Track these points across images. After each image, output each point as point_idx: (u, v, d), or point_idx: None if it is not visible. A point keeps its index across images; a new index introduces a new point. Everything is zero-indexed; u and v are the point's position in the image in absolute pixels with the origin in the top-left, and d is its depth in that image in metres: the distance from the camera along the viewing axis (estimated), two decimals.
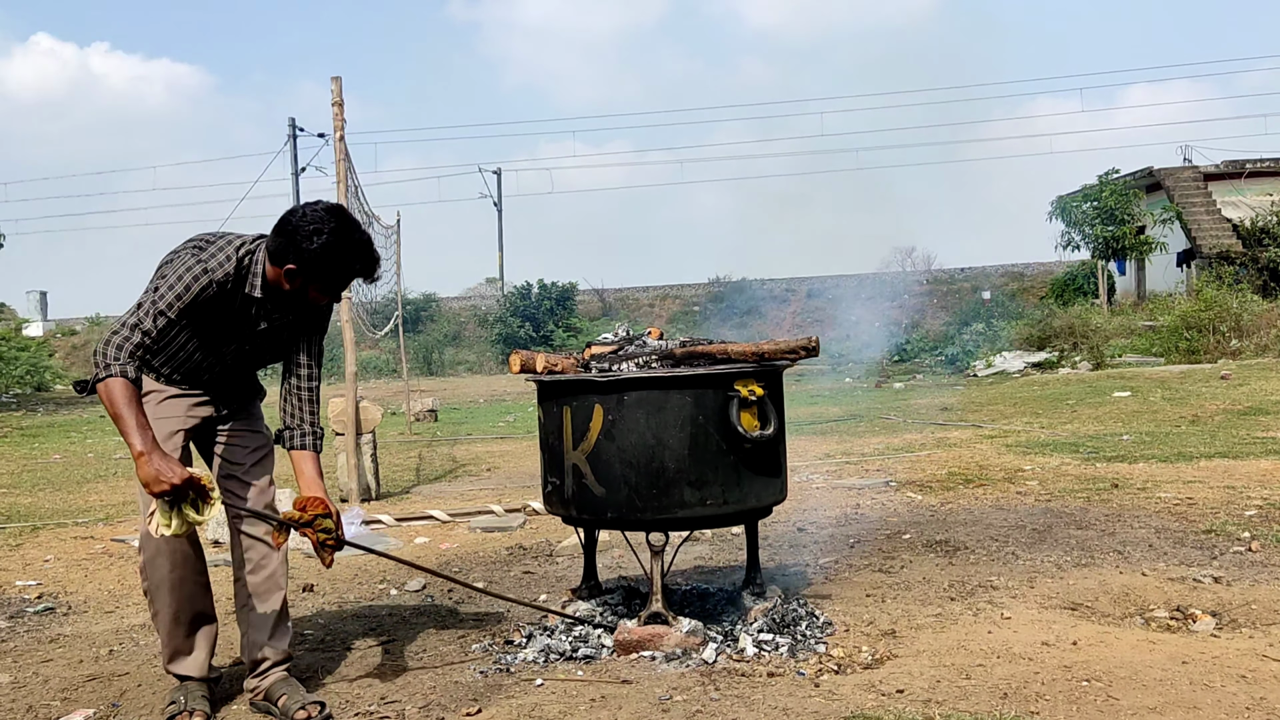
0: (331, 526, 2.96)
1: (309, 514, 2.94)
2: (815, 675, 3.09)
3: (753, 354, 3.40)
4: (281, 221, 2.87)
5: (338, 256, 2.85)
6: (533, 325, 31.70)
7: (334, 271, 2.89)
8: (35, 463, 10.83)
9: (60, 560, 5.52)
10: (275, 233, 2.87)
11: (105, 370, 2.69)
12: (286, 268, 2.85)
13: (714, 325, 27.75)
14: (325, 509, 2.96)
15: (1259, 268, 22.81)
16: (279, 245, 2.85)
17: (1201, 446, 7.83)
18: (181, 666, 3.04)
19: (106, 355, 2.70)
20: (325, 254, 2.82)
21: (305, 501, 2.97)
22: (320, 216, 2.84)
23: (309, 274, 2.86)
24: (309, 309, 3.07)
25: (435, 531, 5.98)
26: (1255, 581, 3.96)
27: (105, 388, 2.68)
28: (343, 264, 2.88)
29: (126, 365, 2.70)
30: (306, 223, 2.82)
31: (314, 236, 2.80)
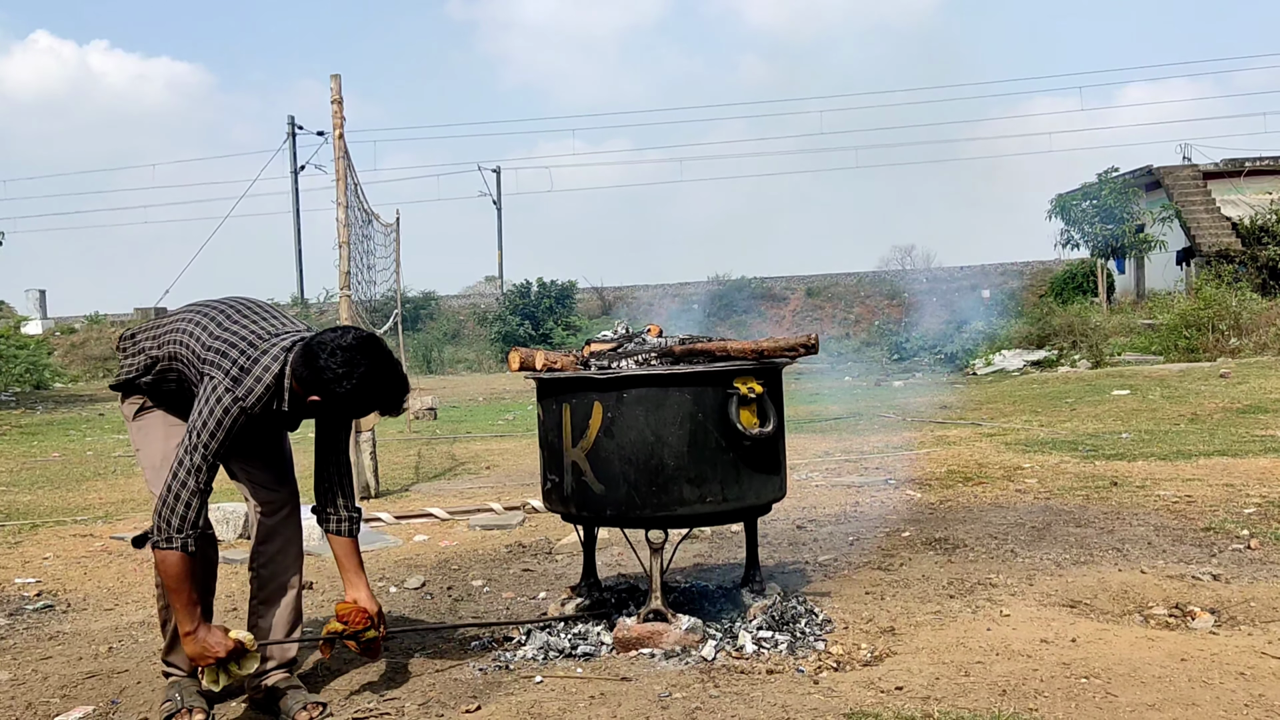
0: (374, 636, 3.03)
1: (351, 628, 2.99)
2: (814, 672, 3.09)
3: (752, 351, 3.40)
4: (311, 353, 2.79)
5: (366, 399, 2.83)
6: (532, 324, 31.69)
7: (361, 409, 2.90)
8: (34, 461, 10.82)
9: (59, 558, 5.52)
10: (304, 362, 2.80)
11: (166, 542, 2.73)
12: (312, 399, 2.82)
13: (713, 323, 27.76)
14: (366, 621, 3.01)
15: (1258, 266, 22.83)
16: (306, 376, 2.80)
17: (1200, 444, 7.83)
18: (178, 659, 3.05)
19: (171, 525, 2.73)
20: (353, 397, 2.80)
21: (348, 614, 3.01)
22: (350, 359, 2.77)
23: (335, 408, 2.85)
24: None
25: (434, 529, 5.99)
26: (1254, 579, 3.96)
27: (164, 560, 2.75)
28: (370, 403, 2.87)
29: (188, 538, 2.74)
30: (336, 363, 2.76)
31: (343, 381, 2.76)
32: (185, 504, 2.74)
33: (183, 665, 3.05)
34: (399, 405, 2.94)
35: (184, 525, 2.73)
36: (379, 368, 2.82)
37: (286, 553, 3.12)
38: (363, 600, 3.04)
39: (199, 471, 2.76)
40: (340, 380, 2.76)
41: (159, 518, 2.74)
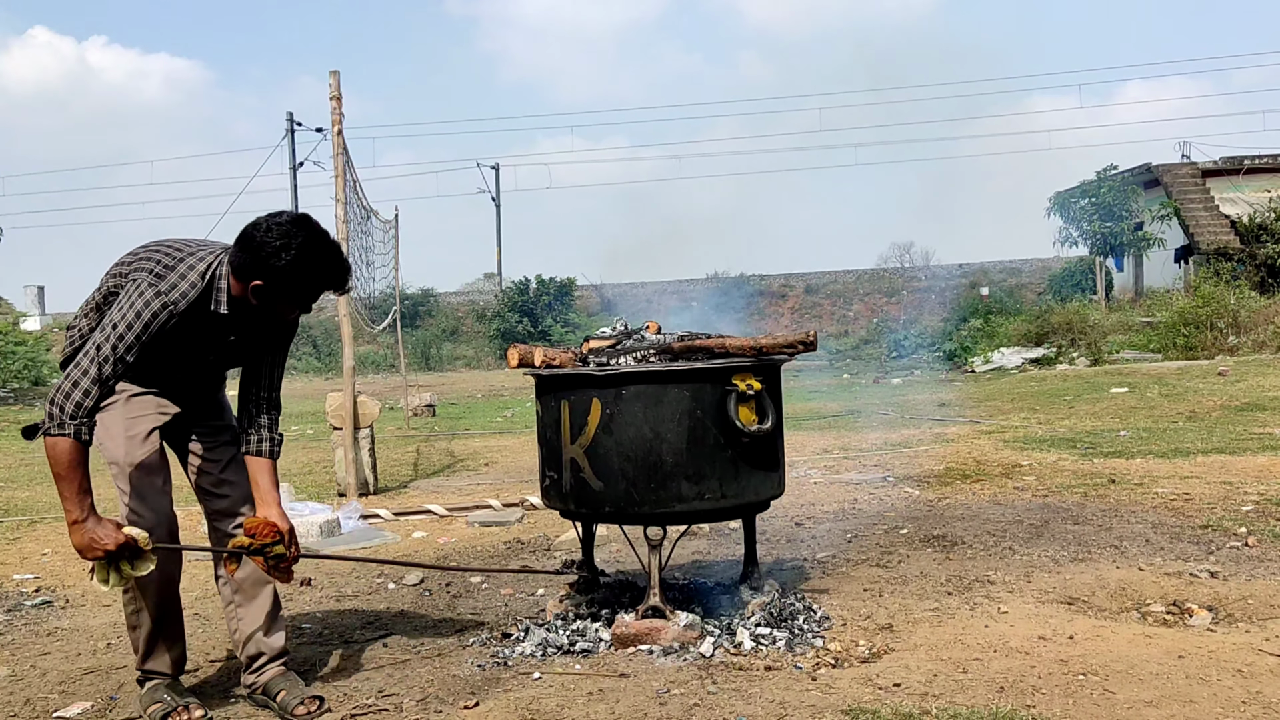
0: (282, 552, 2.92)
1: (258, 542, 2.90)
2: (812, 669, 3.09)
3: (751, 348, 3.40)
4: (244, 236, 2.74)
5: (307, 271, 2.74)
6: (531, 320, 31.69)
7: (303, 287, 2.78)
8: (33, 457, 10.82)
9: (58, 554, 5.52)
10: (239, 248, 2.75)
11: (59, 428, 2.62)
12: (253, 284, 2.74)
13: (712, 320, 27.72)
14: (275, 534, 2.91)
15: (1256, 264, 22.84)
16: (243, 261, 2.73)
17: (1199, 442, 7.84)
18: (160, 663, 3.00)
19: (64, 411, 2.62)
20: (293, 269, 2.71)
21: (255, 527, 2.91)
22: (286, 230, 2.71)
23: (277, 290, 2.76)
24: (278, 321, 2.99)
25: (433, 526, 5.99)
26: (1251, 576, 3.97)
27: (53, 445, 2.63)
28: (312, 278, 2.77)
29: (81, 425, 2.63)
30: (272, 238, 2.70)
31: (281, 253, 2.69)
32: (84, 391, 2.63)
33: (166, 668, 3.01)
34: (344, 280, 2.87)
35: (79, 412, 2.62)
36: (317, 238, 2.76)
37: None
38: (273, 517, 2.94)
39: (105, 362, 2.65)
40: (279, 253, 2.69)
41: (52, 404, 2.62)
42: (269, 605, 3.08)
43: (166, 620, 2.99)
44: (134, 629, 3.00)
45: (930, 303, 29.86)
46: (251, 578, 3.07)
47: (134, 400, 2.95)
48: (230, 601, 3.08)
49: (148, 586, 2.94)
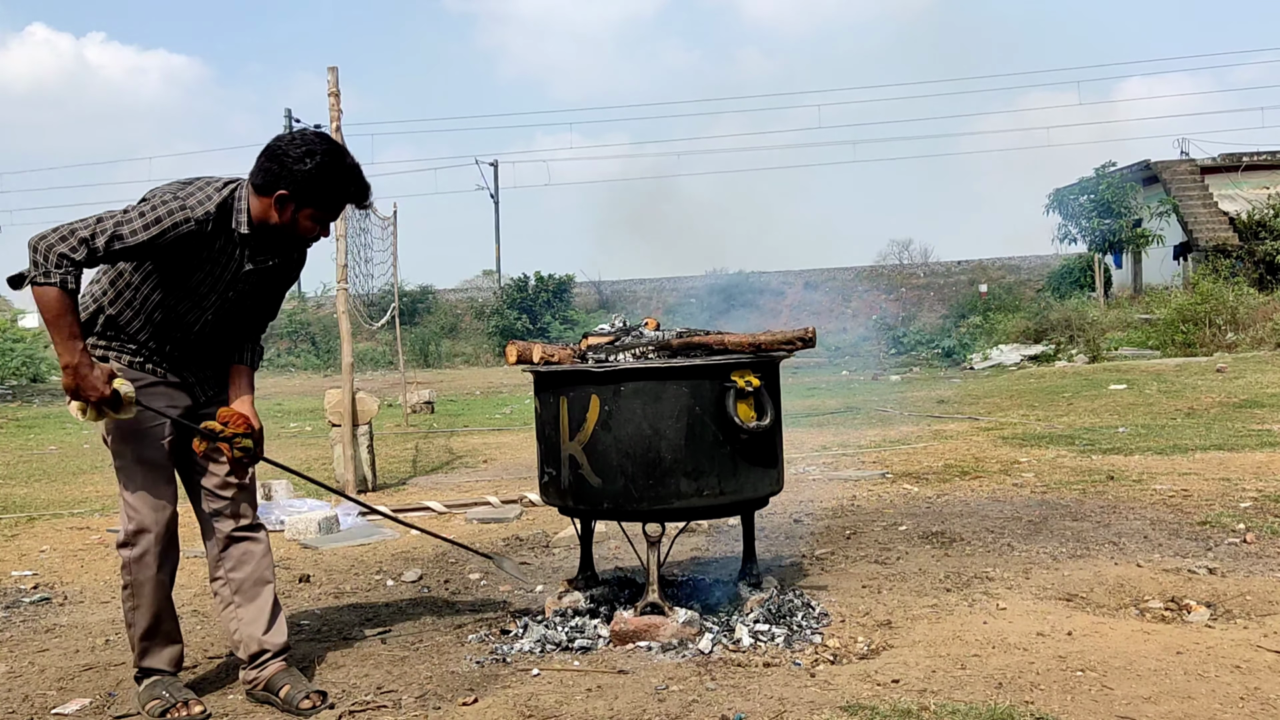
0: (250, 445, 2.96)
1: (230, 430, 2.94)
2: (811, 665, 3.09)
3: (749, 345, 3.40)
4: (269, 149, 2.78)
5: (332, 176, 2.79)
6: (529, 317, 31.68)
7: (329, 193, 2.83)
8: (31, 454, 10.82)
9: (56, 551, 5.52)
10: (263, 160, 2.78)
11: (44, 276, 2.58)
12: (278, 194, 2.76)
13: (711, 317, 27.73)
14: (246, 426, 2.96)
15: (1255, 261, 22.84)
16: (268, 173, 2.76)
17: (1197, 439, 7.85)
18: (158, 660, 3.00)
19: (48, 259, 2.58)
20: (320, 174, 2.76)
21: (228, 416, 2.95)
22: (310, 139, 2.79)
23: (303, 197, 2.79)
24: (292, 251, 3.00)
25: (432, 523, 5.98)
26: (1250, 573, 3.97)
27: (42, 294, 2.60)
28: (337, 184, 2.83)
29: (67, 276, 2.59)
30: (296, 146, 2.76)
31: (306, 159, 2.74)
32: (70, 246, 2.59)
33: (164, 665, 3.01)
34: (365, 191, 2.92)
35: (63, 262, 2.58)
36: (340, 149, 2.83)
37: (252, 551, 3.08)
38: (247, 412, 2.99)
39: (103, 234, 2.62)
40: (303, 158, 2.74)
41: (35, 252, 2.59)
42: (269, 605, 3.08)
43: (162, 618, 2.99)
44: (130, 626, 3.00)
45: (929, 299, 29.88)
46: (251, 578, 3.06)
47: (144, 392, 2.93)
48: (229, 603, 3.07)
49: (145, 586, 2.94)
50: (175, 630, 3.06)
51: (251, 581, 3.06)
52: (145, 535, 2.92)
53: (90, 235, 2.63)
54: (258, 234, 2.85)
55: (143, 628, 2.97)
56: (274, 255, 2.95)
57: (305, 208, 2.83)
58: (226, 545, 3.06)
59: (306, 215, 2.84)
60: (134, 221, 2.68)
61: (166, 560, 2.97)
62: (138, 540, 2.92)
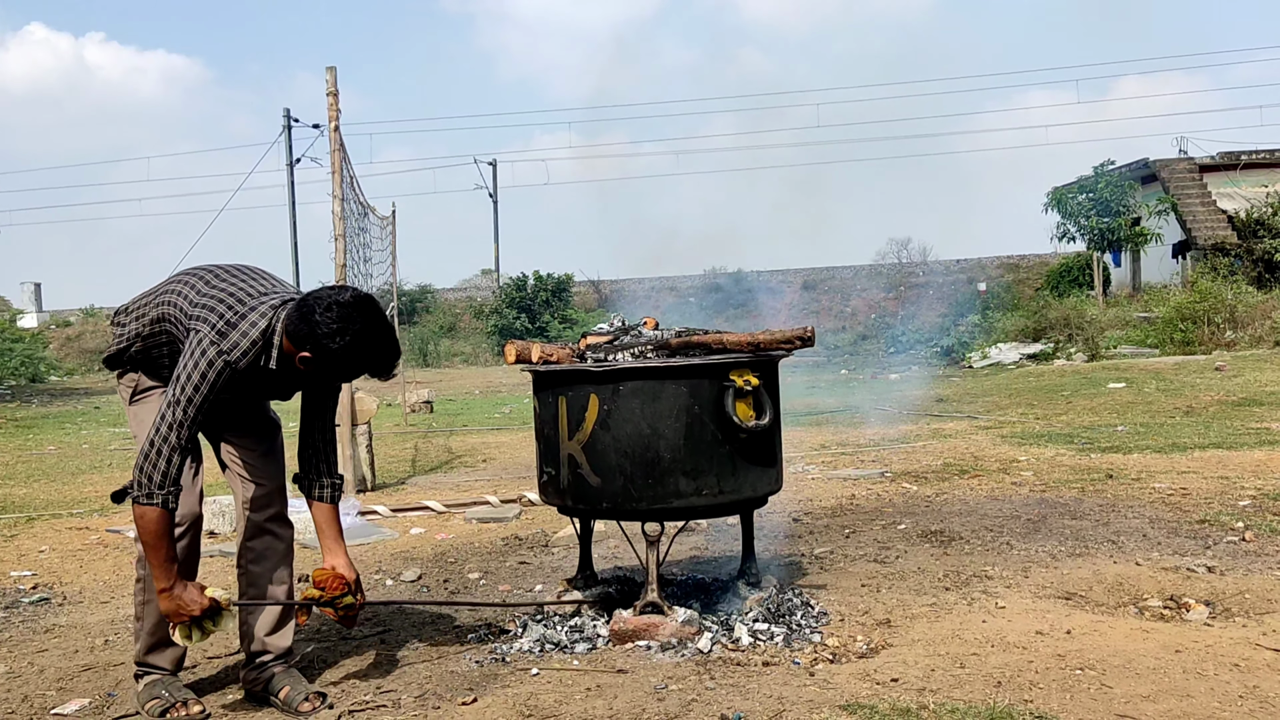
0: (352, 602, 3.00)
1: (328, 594, 2.98)
2: (810, 664, 3.09)
3: (748, 344, 3.40)
4: (306, 308, 2.76)
5: (357, 357, 2.80)
6: (528, 317, 31.66)
7: (350, 369, 2.85)
8: (30, 454, 10.81)
9: (55, 551, 5.52)
10: (297, 316, 2.77)
11: (147, 498, 2.68)
12: (302, 355, 2.78)
13: (710, 316, 27.71)
14: (344, 586, 2.99)
15: (1254, 259, 22.85)
16: (299, 331, 2.77)
17: (1196, 437, 7.85)
18: (160, 658, 3.00)
19: (152, 480, 2.68)
20: (344, 354, 2.76)
21: (324, 580, 2.99)
22: (346, 315, 2.75)
23: (324, 368, 2.80)
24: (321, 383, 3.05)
25: (431, 522, 5.98)
26: (1249, 571, 3.98)
27: (142, 515, 2.69)
28: (360, 363, 2.83)
29: (169, 495, 2.69)
30: (331, 319, 2.73)
31: (336, 337, 2.74)
32: (166, 459, 2.68)
33: (165, 663, 3.01)
34: (390, 369, 2.91)
35: (165, 481, 2.68)
36: (374, 327, 2.80)
37: (275, 549, 3.09)
38: (341, 567, 3.01)
39: (180, 427, 2.70)
40: (334, 336, 2.73)
41: (139, 472, 2.68)
42: (280, 608, 3.08)
43: None
44: (139, 620, 3.00)
45: (928, 298, 29.87)
46: (267, 576, 3.07)
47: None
48: (244, 594, 3.08)
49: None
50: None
51: (267, 580, 3.07)
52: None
53: (177, 438, 2.70)
54: (284, 367, 2.86)
55: (151, 623, 2.97)
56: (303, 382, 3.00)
57: (326, 375, 2.87)
58: (253, 534, 3.07)
59: (326, 378, 2.90)
60: (195, 398, 2.71)
61: (186, 559, 2.95)
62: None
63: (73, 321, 35.66)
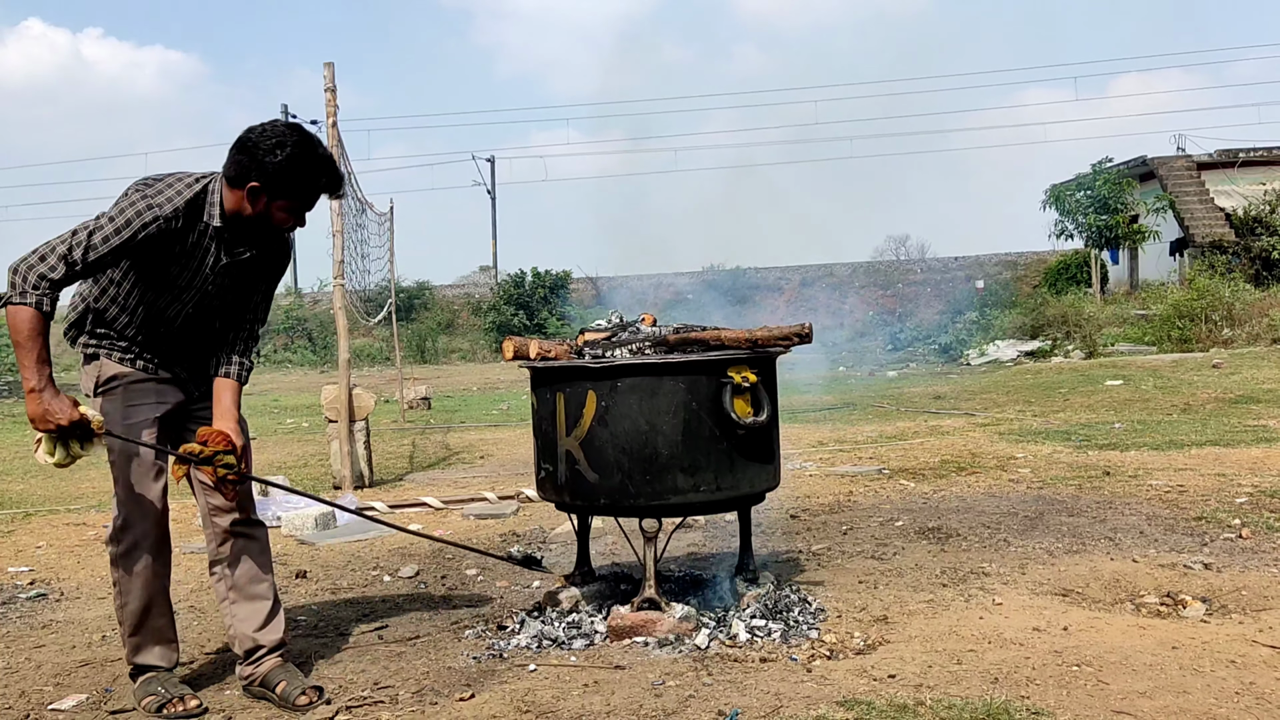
0: (233, 462, 2.88)
1: (209, 449, 2.86)
2: (808, 661, 3.10)
3: (746, 340, 3.40)
4: (239, 142, 2.77)
5: (303, 168, 2.78)
6: (526, 313, 31.64)
7: (300, 184, 2.81)
8: (26, 449, 10.79)
9: (52, 547, 5.52)
10: (234, 153, 2.77)
11: (20, 296, 2.61)
12: (250, 186, 2.76)
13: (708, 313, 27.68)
14: (227, 444, 2.88)
15: (1251, 257, 22.87)
16: (239, 165, 2.76)
17: (1193, 434, 7.86)
18: (151, 657, 3.00)
19: (26, 280, 2.61)
20: (290, 166, 2.75)
21: (208, 435, 2.89)
22: (281, 130, 2.78)
23: (274, 188, 2.78)
24: (271, 242, 2.97)
25: (429, 519, 5.99)
26: (1245, 568, 3.98)
27: (14, 314, 2.61)
28: (308, 175, 2.81)
29: (43, 298, 2.62)
30: (267, 138, 2.75)
31: (277, 150, 2.74)
32: (49, 266, 2.62)
33: (157, 661, 3.00)
34: (338, 182, 2.92)
35: (40, 283, 2.61)
36: (311, 140, 2.82)
37: (250, 549, 3.06)
38: (228, 429, 2.91)
39: (79, 246, 2.64)
40: (274, 149, 2.73)
41: (14, 274, 2.62)
42: (266, 602, 3.07)
43: (152, 614, 2.98)
44: (121, 623, 3.00)
45: (926, 295, 29.88)
46: (247, 575, 3.06)
47: (133, 388, 2.93)
48: (225, 598, 3.07)
49: (134, 582, 2.93)
50: (168, 627, 3.04)
51: (248, 579, 3.05)
52: (132, 531, 2.91)
53: (67, 250, 2.65)
54: (231, 226, 2.85)
55: (131, 624, 2.97)
56: (251, 247, 2.93)
57: (278, 199, 2.81)
58: (224, 540, 3.05)
59: (280, 207, 2.83)
60: (105, 228, 2.68)
61: (156, 556, 2.96)
62: (124, 536, 2.92)
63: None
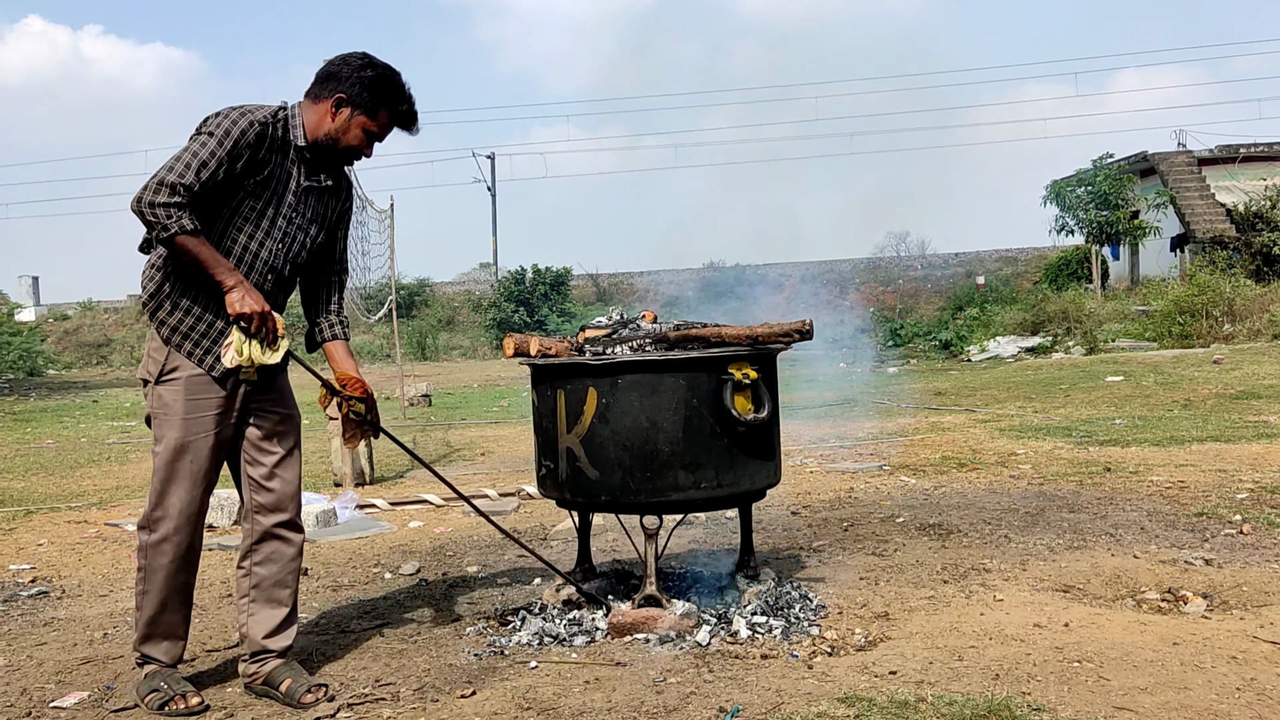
0: (362, 410, 3.06)
1: (348, 391, 3.05)
2: (808, 657, 3.10)
3: (746, 337, 3.40)
4: (328, 64, 2.97)
5: (389, 86, 2.97)
6: (527, 310, 31.64)
7: (384, 101, 2.98)
8: (28, 447, 10.80)
9: (54, 544, 5.52)
10: (322, 72, 2.98)
11: (166, 232, 2.71)
12: (336, 97, 2.93)
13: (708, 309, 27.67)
14: (363, 391, 3.06)
15: (1252, 252, 22.86)
16: (328, 78, 2.96)
17: (1193, 430, 7.86)
18: (155, 649, 2.98)
19: (161, 218, 2.70)
20: (378, 80, 2.95)
21: (345, 379, 3.07)
22: (366, 55, 2.98)
23: (359, 101, 2.95)
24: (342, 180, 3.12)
25: (429, 515, 5.99)
26: (1246, 564, 3.98)
27: (180, 245, 2.73)
28: (393, 95, 2.99)
29: (182, 221, 2.71)
30: (355, 57, 2.97)
31: (367, 69, 2.95)
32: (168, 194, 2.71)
33: (162, 656, 2.99)
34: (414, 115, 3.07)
35: (173, 212, 2.70)
36: (395, 70, 3.01)
37: (283, 553, 3.06)
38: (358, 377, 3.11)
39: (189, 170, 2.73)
40: (364, 68, 2.95)
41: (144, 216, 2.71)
42: (284, 612, 3.06)
43: (169, 608, 2.97)
44: (138, 609, 2.98)
45: (926, 292, 29.88)
46: (272, 579, 3.05)
47: (195, 381, 2.91)
48: (246, 595, 3.06)
49: (157, 575, 2.92)
50: (180, 624, 3.02)
51: (272, 583, 3.05)
52: (166, 523, 2.90)
53: (179, 175, 2.73)
54: (312, 149, 2.98)
55: (149, 613, 2.96)
56: (327, 174, 3.06)
57: (359, 114, 2.97)
58: (261, 539, 3.04)
59: (359, 124, 2.98)
60: (208, 144, 2.78)
61: (185, 554, 2.94)
62: (158, 527, 2.90)
63: (70, 315, 35.61)
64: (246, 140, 2.81)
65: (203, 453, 2.92)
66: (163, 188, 2.71)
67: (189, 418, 2.89)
